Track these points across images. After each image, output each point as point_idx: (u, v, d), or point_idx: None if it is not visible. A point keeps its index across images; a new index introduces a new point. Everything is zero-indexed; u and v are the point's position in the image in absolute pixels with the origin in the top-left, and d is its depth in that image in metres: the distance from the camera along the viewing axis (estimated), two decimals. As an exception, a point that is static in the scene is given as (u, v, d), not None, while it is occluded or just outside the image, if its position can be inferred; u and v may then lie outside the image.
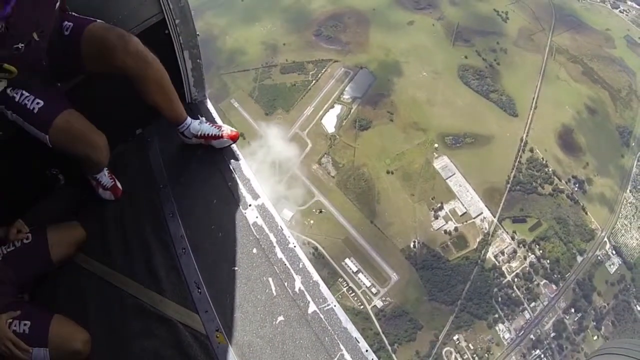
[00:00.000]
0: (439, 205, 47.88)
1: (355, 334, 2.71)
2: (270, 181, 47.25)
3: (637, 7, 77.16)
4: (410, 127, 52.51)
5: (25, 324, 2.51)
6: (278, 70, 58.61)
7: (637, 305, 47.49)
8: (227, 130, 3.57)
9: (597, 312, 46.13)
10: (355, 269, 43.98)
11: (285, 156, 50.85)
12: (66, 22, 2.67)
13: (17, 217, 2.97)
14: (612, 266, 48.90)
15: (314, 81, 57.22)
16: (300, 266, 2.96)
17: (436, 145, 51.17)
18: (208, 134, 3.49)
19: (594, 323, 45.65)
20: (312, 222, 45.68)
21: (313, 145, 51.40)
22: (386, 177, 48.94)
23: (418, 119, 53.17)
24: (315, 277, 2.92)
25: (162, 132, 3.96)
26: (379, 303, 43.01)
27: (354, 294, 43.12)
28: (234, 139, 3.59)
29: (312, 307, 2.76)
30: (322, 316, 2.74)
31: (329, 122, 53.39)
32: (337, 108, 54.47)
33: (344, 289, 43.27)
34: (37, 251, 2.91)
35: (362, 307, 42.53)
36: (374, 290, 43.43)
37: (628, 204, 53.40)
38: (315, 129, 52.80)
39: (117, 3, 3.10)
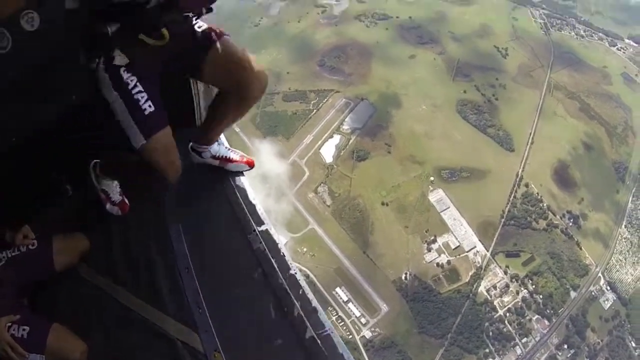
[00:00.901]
0: (433, 238, 48.31)
1: None
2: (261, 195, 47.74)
3: (635, 45, 78.63)
4: (407, 159, 53.38)
5: (24, 329, 2.53)
6: (281, 97, 60.03)
7: (632, 342, 47.12)
8: (244, 156, 3.66)
9: (590, 349, 45.72)
10: (345, 298, 44.31)
11: (276, 173, 52.02)
12: (199, 22, 2.72)
13: (24, 223, 3.04)
14: (606, 302, 48.74)
15: (315, 110, 58.62)
16: (300, 292, 2.99)
17: (432, 178, 51.90)
18: (226, 157, 3.55)
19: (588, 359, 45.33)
20: (305, 249, 46.25)
21: (310, 173, 52.40)
22: (381, 208, 49.59)
23: (415, 152, 54.10)
24: (314, 303, 2.96)
25: None
26: (367, 333, 43.12)
27: (343, 323, 43.26)
28: (251, 165, 3.68)
29: (309, 333, 2.78)
30: (319, 342, 2.76)
31: (328, 151, 54.49)
32: (336, 138, 55.65)
33: (333, 318, 43.32)
34: (41, 258, 2.96)
35: (350, 336, 42.60)
36: (363, 320, 43.61)
37: (623, 239, 53.58)
38: (313, 158, 53.89)
39: None
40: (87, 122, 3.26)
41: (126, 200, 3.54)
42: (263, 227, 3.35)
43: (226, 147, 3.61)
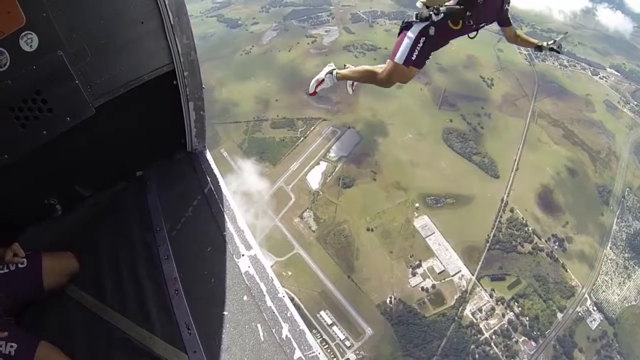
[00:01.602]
0: (417, 262, 48.78)
1: None
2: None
3: (616, 73, 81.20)
4: (392, 186, 54.40)
5: (11, 346, 2.45)
6: (269, 124, 61.70)
7: (621, 361, 46.76)
8: None
9: (579, 369, 45.27)
10: (330, 322, 44.33)
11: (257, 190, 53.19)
12: None
13: (13, 240, 3.00)
14: (593, 322, 48.98)
15: (302, 138, 60.03)
16: (288, 315, 3.03)
17: (417, 204, 52.72)
18: None
19: (576, 380, 44.73)
20: (290, 273, 46.50)
21: (296, 199, 53.19)
22: (366, 234, 50.22)
23: (400, 179, 55.17)
24: (302, 326, 2.98)
25: (162, 177, 4.08)
26: (352, 356, 43.01)
27: (327, 346, 43.05)
28: None
29: (297, 354, 2.82)
30: None
31: (314, 178, 55.48)
32: (323, 165, 56.82)
33: (318, 341, 42.78)
34: (30, 277, 2.89)
35: (335, 359, 42.62)
36: (347, 343, 43.53)
37: (608, 261, 54.18)
38: (299, 184, 54.81)
39: (132, 49, 3.23)
40: (81, 144, 3.32)
41: None
42: (252, 252, 3.43)
43: None
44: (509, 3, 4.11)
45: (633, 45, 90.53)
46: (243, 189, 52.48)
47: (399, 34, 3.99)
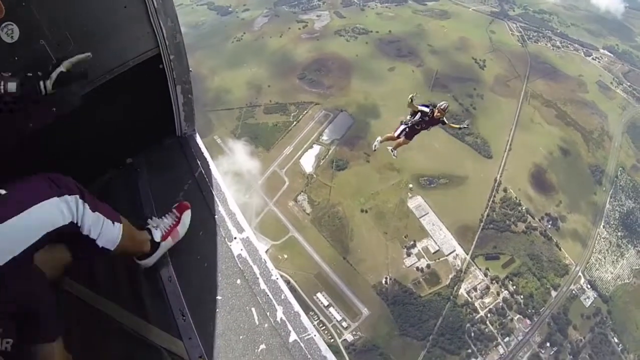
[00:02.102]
0: (412, 243, 49.00)
1: None
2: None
3: (609, 54, 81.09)
4: (385, 168, 54.34)
5: (7, 342, 2.30)
6: (261, 110, 61.60)
7: (615, 338, 47.70)
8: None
9: (573, 346, 46.13)
10: (326, 303, 44.61)
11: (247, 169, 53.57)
12: None
13: None
14: (587, 300, 49.37)
15: (295, 122, 59.96)
16: (282, 297, 3.02)
17: (410, 185, 52.81)
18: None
19: (571, 357, 45.60)
20: (285, 256, 46.62)
21: (290, 183, 53.26)
22: (360, 215, 50.34)
23: (394, 160, 54.13)
24: (297, 308, 2.96)
25: (152, 163, 4.05)
26: (349, 337, 43.31)
27: (324, 327, 43.43)
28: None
29: (293, 337, 2.80)
30: (302, 345, 2.79)
31: (307, 161, 55.58)
32: (316, 148, 56.88)
33: (315, 322, 43.29)
34: (22, 271, 2.58)
35: (332, 340, 42.75)
36: (344, 324, 43.85)
37: (602, 239, 54.53)
38: (293, 168, 54.84)
39: (116, 34, 3.19)
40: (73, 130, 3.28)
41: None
42: (244, 235, 3.40)
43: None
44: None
45: (626, 26, 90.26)
46: (234, 169, 52.71)
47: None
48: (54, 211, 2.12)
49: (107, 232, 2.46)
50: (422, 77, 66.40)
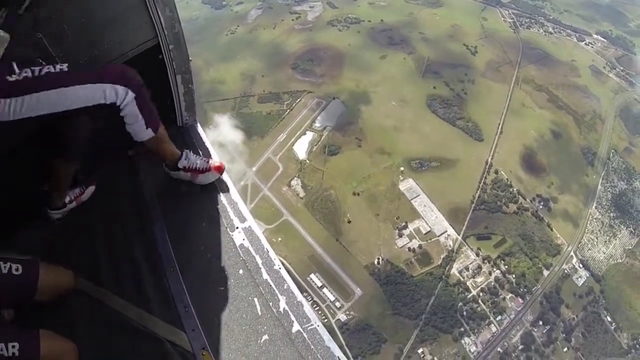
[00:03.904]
0: (404, 224, 49.50)
1: (338, 352, 2.81)
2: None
3: (602, 39, 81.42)
4: (377, 152, 55.08)
5: (13, 346, 2.28)
6: (255, 100, 62.19)
7: (608, 317, 48.01)
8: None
9: (566, 324, 46.52)
10: (320, 284, 45.16)
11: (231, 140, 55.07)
12: None
13: (11, 229, 2.93)
14: (579, 279, 49.76)
15: (288, 110, 60.56)
16: (285, 287, 3.03)
17: (402, 168, 53.32)
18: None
19: (564, 335, 45.92)
20: (280, 239, 47.27)
21: (284, 169, 53.91)
22: (352, 198, 50.91)
23: (385, 145, 55.82)
24: (300, 297, 3.00)
25: (153, 154, 4.04)
26: (342, 317, 43.88)
27: (318, 307, 43.84)
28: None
29: (296, 327, 2.82)
30: (305, 335, 2.80)
31: (300, 148, 56.19)
32: (309, 135, 57.48)
33: (309, 303, 43.56)
34: (23, 287, 2.69)
35: (325, 320, 43.09)
36: (338, 304, 44.45)
37: (594, 220, 55.00)
38: (287, 154, 55.49)
39: (114, 26, 3.16)
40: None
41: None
42: (246, 224, 3.40)
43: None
44: None
45: (620, 12, 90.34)
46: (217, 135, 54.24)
47: None
48: (98, 92, 2.54)
49: (137, 129, 2.85)
50: (414, 65, 66.86)
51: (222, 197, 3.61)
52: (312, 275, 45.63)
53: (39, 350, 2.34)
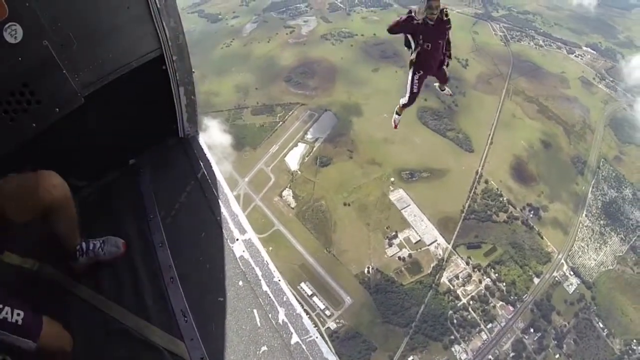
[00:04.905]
0: (394, 233, 50.11)
1: None
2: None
3: (592, 51, 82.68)
4: (367, 163, 55.97)
5: (18, 314, 2.28)
6: (249, 112, 63.48)
7: (600, 323, 48.27)
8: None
9: (557, 331, 46.77)
10: (310, 292, 45.65)
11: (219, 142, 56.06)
12: None
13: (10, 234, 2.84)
14: (570, 286, 50.11)
15: (281, 122, 61.72)
16: (284, 299, 3.02)
17: (392, 179, 54.09)
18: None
19: (555, 342, 46.15)
20: (270, 248, 47.41)
21: (276, 179, 54.79)
22: (343, 208, 51.64)
23: (375, 156, 56.73)
24: (299, 310, 2.99)
25: (154, 164, 4.05)
26: (332, 325, 44.25)
27: (308, 316, 43.80)
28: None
29: (294, 339, 2.81)
30: (304, 347, 2.80)
31: (292, 159, 57.15)
32: (301, 147, 58.50)
33: (314, 326, 43.65)
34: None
35: (316, 328, 43.23)
36: (328, 312, 44.85)
37: (584, 227, 55.54)
38: (279, 165, 56.43)
39: (119, 35, 3.16)
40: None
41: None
42: (246, 236, 3.39)
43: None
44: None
45: (609, 24, 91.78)
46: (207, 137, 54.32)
47: None
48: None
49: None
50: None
51: (223, 209, 3.61)
52: (303, 284, 46.10)
53: (41, 326, 2.40)
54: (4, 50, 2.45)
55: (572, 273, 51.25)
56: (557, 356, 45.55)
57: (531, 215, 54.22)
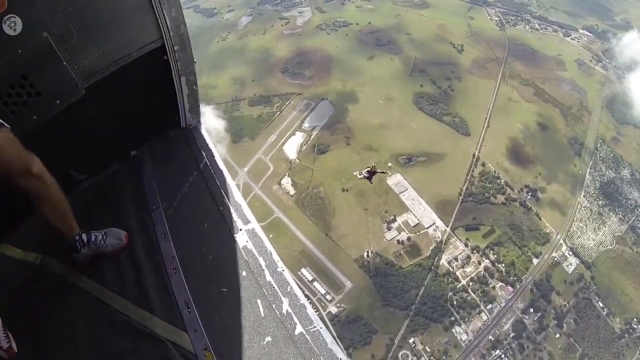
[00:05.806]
0: (392, 217, 50.47)
1: (341, 355, 2.78)
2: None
3: (588, 34, 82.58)
4: (364, 149, 56.29)
5: None
6: (246, 103, 63.87)
7: (599, 302, 48.50)
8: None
9: (557, 311, 47.04)
10: (310, 278, 46.10)
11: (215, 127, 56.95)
12: None
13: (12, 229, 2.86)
14: (569, 266, 50.32)
15: (278, 112, 62.07)
16: (288, 289, 3.00)
17: (389, 164, 53.98)
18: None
19: (555, 321, 46.39)
20: (271, 236, 47.97)
21: (274, 168, 55.24)
22: (341, 194, 52.07)
23: (372, 142, 57.08)
24: (302, 300, 2.96)
25: (156, 155, 4.04)
26: (333, 309, 44.68)
27: (309, 301, 44.17)
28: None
29: (299, 329, 2.79)
30: (308, 337, 2.78)
31: (290, 148, 57.59)
32: (299, 135, 58.90)
33: (318, 315, 43.95)
34: None
35: (317, 313, 43.28)
36: (328, 297, 45.27)
37: (582, 208, 55.75)
38: (277, 155, 56.90)
39: (119, 26, 3.13)
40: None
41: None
42: (249, 226, 3.38)
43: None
44: None
45: (605, 6, 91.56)
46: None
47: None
48: None
49: None
50: (401, 65, 68.22)
51: (226, 199, 3.59)
52: (303, 270, 46.57)
53: None
54: (3, 42, 2.47)
55: (571, 253, 51.39)
56: (558, 336, 45.76)
57: (529, 197, 54.41)
